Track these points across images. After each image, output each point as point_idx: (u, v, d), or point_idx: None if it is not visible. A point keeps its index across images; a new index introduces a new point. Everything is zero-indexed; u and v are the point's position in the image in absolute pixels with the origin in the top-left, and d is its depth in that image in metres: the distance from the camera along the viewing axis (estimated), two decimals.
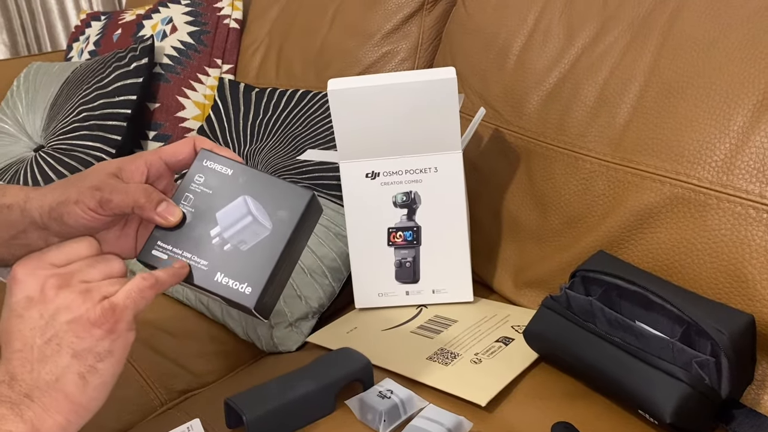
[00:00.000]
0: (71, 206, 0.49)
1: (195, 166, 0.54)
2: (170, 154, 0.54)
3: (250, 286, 0.50)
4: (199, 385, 0.81)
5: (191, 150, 0.54)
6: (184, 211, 0.52)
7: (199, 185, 0.53)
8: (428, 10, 1.06)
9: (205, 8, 1.25)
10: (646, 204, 0.69)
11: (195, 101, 1.20)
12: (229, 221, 0.52)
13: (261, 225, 0.52)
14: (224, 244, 0.51)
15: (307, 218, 0.53)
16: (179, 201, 0.53)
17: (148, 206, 0.50)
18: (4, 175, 1.15)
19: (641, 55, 0.73)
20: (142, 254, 0.52)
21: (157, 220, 0.51)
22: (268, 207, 0.52)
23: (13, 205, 0.52)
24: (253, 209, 0.52)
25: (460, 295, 0.82)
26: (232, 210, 0.52)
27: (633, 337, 0.60)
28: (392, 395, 0.62)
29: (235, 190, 0.53)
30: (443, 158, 0.80)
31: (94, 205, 0.49)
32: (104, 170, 0.51)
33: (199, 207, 0.53)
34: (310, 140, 1.01)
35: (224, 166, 0.53)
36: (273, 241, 0.51)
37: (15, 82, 1.38)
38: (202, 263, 0.51)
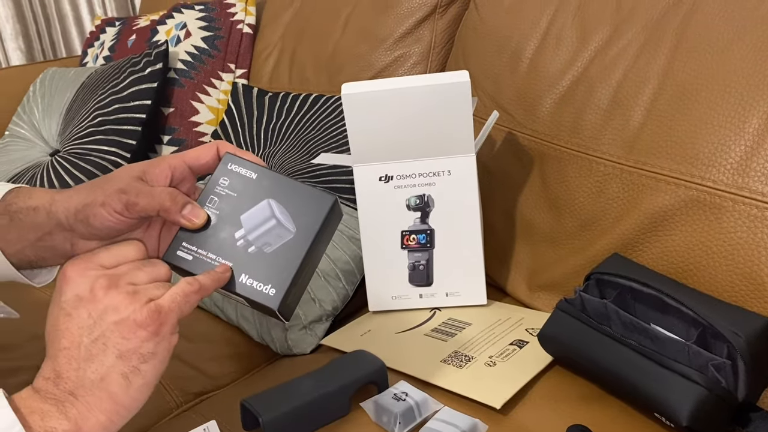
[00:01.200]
0: (97, 208, 0.50)
1: (220, 169, 0.55)
2: (194, 158, 0.54)
3: (274, 287, 0.51)
4: (215, 388, 0.82)
5: (214, 154, 0.55)
6: (209, 213, 0.53)
7: (224, 188, 0.54)
8: (440, 14, 1.07)
9: (218, 13, 1.26)
10: (661, 206, 0.69)
11: (209, 106, 1.20)
12: (254, 224, 0.53)
13: (285, 228, 0.52)
14: (249, 246, 0.52)
15: (329, 222, 0.54)
16: (204, 203, 0.54)
17: (174, 209, 0.51)
18: (21, 179, 1.17)
19: (655, 58, 0.73)
20: (168, 255, 0.53)
21: (182, 223, 0.52)
22: (291, 210, 0.53)
23: (39, 208, 0.52)
24: (277, 212, 0.53)
25: (474, 298, 0.82)
26: (257, 213, 0.53)
27: (648, 340, 0.60)
28: (407, 398, 0.62)
29: (259, 194, 0.53)
30: (456, 161, 0.80)
31: (120, 207, 0.50)
32: (129, 173, 0.52)
33: (224, 209, 0.53)
34: (323, 144, 1.01)
35: (249, 170, 0.54)
36: (297, 244, 0.52)
37: (31, 87, 1.40)
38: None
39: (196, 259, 0.52)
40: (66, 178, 1.11)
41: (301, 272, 0.52)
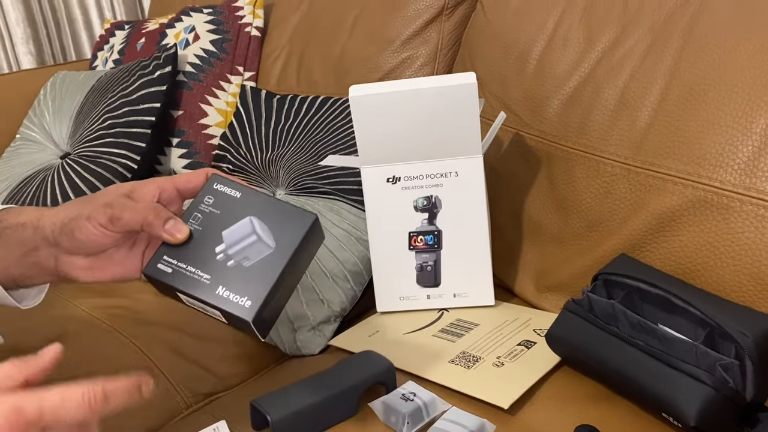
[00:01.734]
0: (83, 221, 0.51)
1: (205, 188, 0.56)
2: (183, 182, 0.56)
3: (250, 299, 0.51)
4: (224, 388, 0.82)
5: (203, 180, 0.56)
6: (191, 228, 0.54)
7: (208, 206, 0.55)
8: (447, 15, 1.07)
9: (226, 16, 1.27)
10: (668, 207, 0.69)
11: (218, 108, 1.21)
12: (234, 239, 0.53)
13: (265, 243, 0.53)
14: (228, 260, 0.53)
15: (310, 240, 0.55)
16: (187, 219, 0.55)
17: (157, 223, 0.52)
18: (32, 181, 1.18)
19: (662, 59, 0.73)
20: (148, 268, 0.54)
21: (164, 237, 0.53)
22: (272, 227, 0.54)
23: (26, 224, 0.54)
24: (258, 229, 0.54)
25: (482, 298, 0.82)
26: (238, 229, 0.54)
27: (656, 340, 0.60)
28: (415, 398, 0.62)
29: (242, 211, 0.54)
30: (464, 162, 0.80)
31: (105, 221, 0.51)
32: (117, 191, 0.54)
33: (207, 226, 0.54)
34: (331, 146, 1.02)
35: (233, 189, 0.55)
36: (275, 259, 0.53)
37: (42, 91, 1.41)
38: (205, 277, 0.53)
39: (176, 272, 0.53)
40: (76, 180, 1.12)
41: (278, 287, 0.52)
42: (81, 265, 0.54)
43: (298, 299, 0.84)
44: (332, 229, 0.90)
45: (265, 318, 0.53)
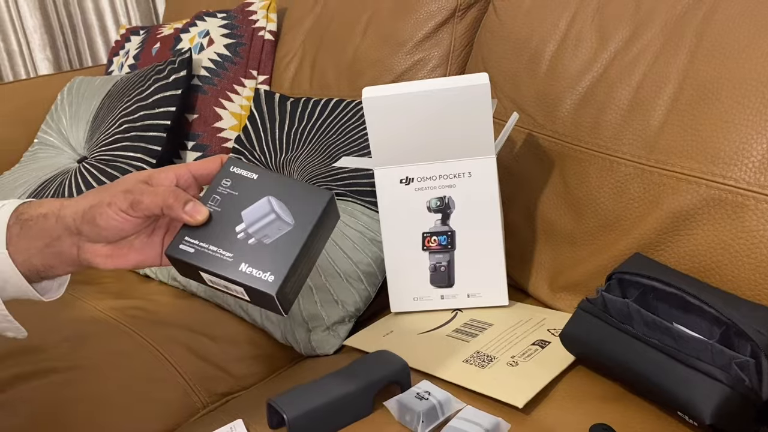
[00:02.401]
0: (104, 208, 0.52)
1: (222, 171, 0.57)
2: (199, 167, 0.57)
3: (273, 274, 0.52)
4: (240, 388, 0.83)
5: (219, 165, 0.57)
6: (210, 210, 0.55)
7: (226, 188, 0.56)
8: (459, 17, 1.08)
9: (240, 21, 1.28)
10: (682, 206, 0.69)
11: (232, 112, 1.22)
12: (254, 218, 0.55)
13: (284, 221, 0.54)
14: (248, 238, 0.54)
15: (327, 217, 0.56)
16: (206, 201, 0.56)
17: (177, 205, 0.53)
18: (50, 185, 1.19)
19: (675, 58, 0.73)
20: (170, 249, 0.55)
21: (185, 218, 0.54)
22: (290, 206, 0.55)
23: (48, 214, 0.55)
24: (276, 207, 0.55)
25: (495, 299, 0.83)
26: (257, 208, 0.55)
27: (671, 338, 0.60)
28: (430, 397, 0.63)
29: (259, 192, 0.56)
30: (477, 163, 0.81)
31: (126, 206, 0.52)
32: (136, 177, 0.55)
33: (225, 207, 0.55)
34: (344, 148, 1.02)
35: (250, 171, 0.57)
36: (295, 235, 0.54)
37: (59, 96, 1.43)
38: (227, 255, 0.54)
39: (198, 252, 0.54)
40: (93, 183, 1.13)
41: (299, 262, 0.54)
42: (103, 253, 0.55)
43: (312, 300, 0.85)
44: (346, 230, 0.90)
45: (288, 293, 0.54)
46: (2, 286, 0.55)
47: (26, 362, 0.80)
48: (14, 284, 0.55)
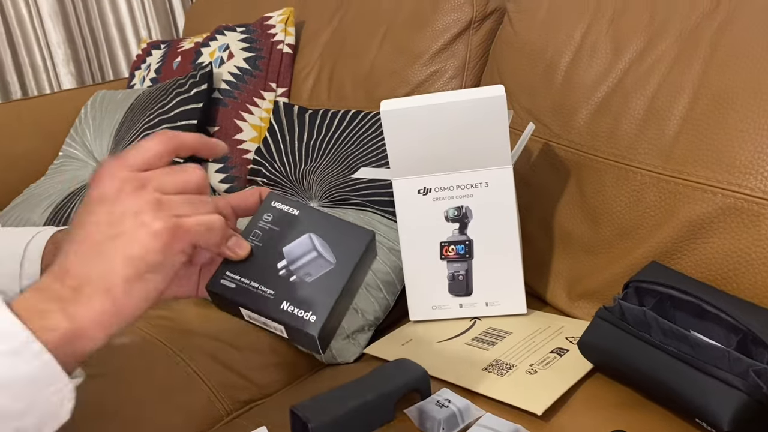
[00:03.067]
0: None
1: (264, 206, 0.57)
2: (238, 200, 0.57)
3: (315, 314, 0.52)
4: (262, 396, 0.85)
5: (257, 199, 0.57)
6: (251, 245, 0.55)
7: (267, 223, 0.56)
8: (475, 29, 1.09)
9: (259, 35, 1.31)
10: (699, 215, 0.69)
11: (252, 124, 1.25)
12: (295, 255, 0.54)
13: (325, 259, 0.54)
14: (290, 275, 0.54)
15: (367, 256, 0.56)
16: (248, 236, 0.55)
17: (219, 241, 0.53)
18: (75, 198, 1.22)
19: (690, 68, 0.74)
20: (211, 284, 0.54)
21: (227, 254, 0.54)
22: (331, 244, 0.54)
23: None
24: (317, 245, 0.54)
25: (514, 307, 0.84)
26: (298, 245, 0.55)
27: (688, 346, 0.61)
28: (450, 404, 0.64)
29: (300, 228, 0.55)
30: (494, 173, 0.82)
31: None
32: None
33: (267, 242, 0.55)
34: (362, 158, 1.04)
35: (291, 207, 0.56)
36: (336, 274, 0.53)
37: (83, 109, 1.46)
38: (268, 292, 0.53)
39: (239, 288, 0.54)
40: None
41: (339, 302, 0.53)
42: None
43: None
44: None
45: (328, 332, 0.53)
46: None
47: None
48: None
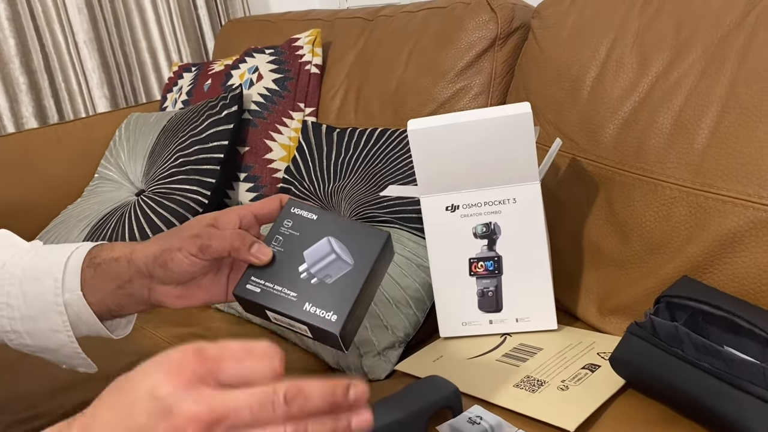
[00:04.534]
0: (175, 253, 0.56)
1: (284, 212, 0.60)
2: (259, 208, 0.60)
3: (336, 313, 0.55)
4: None
5: (278, 205, 0.60)
6: (274, 251, 0.58)
7: (288, 228, 0.59)
8: (500, 45, 1.10)
9: (287, 56, 1.33)
10: (729, 229, 0.69)
11: (281, 143, 1.27)
12: (315, 258, 0.57)
13: (344, 261, 0.57)
14: (311, 278, 0.57)
15: (384, 256, 0.59)
16: (270, 242, 0.59)
17: (243, 248, 0.56)
18: (111, 218, 1.26)
19: (717, 81, 0.74)
20: (238, 289, 0.58)
21: (251, 260, 0.57)
22: (349, 246, 0.57)
23: (120, 258, 0.58)
24: (336, 248, 0.58)
25: (544, 323, 0.84)
26: (318, 249, 0.58)
27: (722, 362, 0.60)
28: (482, 421, 0.64)
29: (319, 232, 0.58)
30: (522, 189, 0.82)
31: (195, 250, 0.55)
32: (202, 221, 0.58)
33: (288, 247, 0.58)
34: (390, 176, 1.05)
35: (310, 212, 0.60)
36: (355, 275, 0.57)
37: (117, 132, 1.50)
38: (291, 294, 0.57)
39: (264, 292, 0.57)
40: (152, 215, 1.19)
41: (359, 301, 0.56)
42: (173, 294, 0.59)
43: (363, 325, 0.87)
44: (394, 256, 0.92)
45: (349, 330, 0.56)
46: (76, 324, 0.59)
47: (94, 389, 0.84)
48: (87, 323, 0.59)
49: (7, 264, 0.60)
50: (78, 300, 0.58)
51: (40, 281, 0.58)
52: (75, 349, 0.60)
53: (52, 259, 0.59)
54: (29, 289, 0.58)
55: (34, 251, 0.61)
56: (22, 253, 0.61)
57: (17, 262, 0.60)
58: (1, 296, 0.59)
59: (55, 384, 0.84)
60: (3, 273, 0.59)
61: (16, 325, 0.59)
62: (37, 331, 0.59)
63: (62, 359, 0.61)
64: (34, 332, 0.59)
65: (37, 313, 0.58)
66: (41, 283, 0.58)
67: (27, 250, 0.62)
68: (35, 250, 0.62)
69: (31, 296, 0.58)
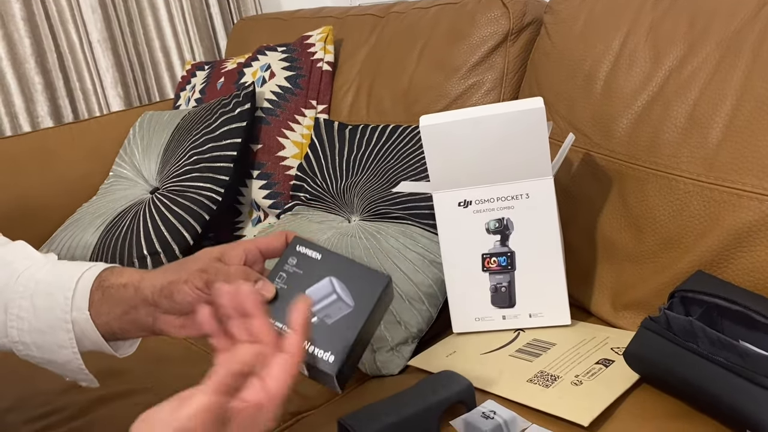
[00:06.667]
0: (181, 285, 0.57)
1: (289, 250, 0.61)
2: (265, 244, 0.61)
3: (333, 354, 0.56)
4: (310, 407, 0.86)
5: (283, 242, 0.62)
6: (277, 287, 0.59)
7: (292, 266, 0.60)
8: (512, 41, 1.10)
9: (299, 53, 1.34)
10: (744, 223, 0.68)
11: (294, 141, 1.27)
12: (317, 298, 0.59)
13: (344, 302, 0.58)
14: (311, 317, 0.58)
15: (384, 298, 0.59)
16: (274, 279, 0.60)
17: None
18: (126, 215, 1.27)
19: (732, 74, 0.74)
20: None
21: None
22: (350, 287, 0.58)
23: (128, 284, 0.60)
24: (338, 288, 0.58)
25: (558, 318, 0.83)
26: (320, 288, 0.59)
27: (737, 356, 0.60)
28: (495, 416, 0.64)
29: (322, 272, 0.59)
30: (534, 184, 0.82)
31: (201, 284, 0.57)
32: (209, 255, 0.59)
33: (291, 284, 0.59)
34: (402, 172, 1.05)
35: (314, 251, 0.61)
36: (354, 317, 0.57)
37: (131, 130, 1.52)
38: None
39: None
40: (166, 213, 1.20)
41: (357, 343, 0.57)
42: (176, 324, 0.60)
43: None
44: (406, 252, 0.93)
45: (345, 371, 0.57)
46: (81, 340, 0.60)
47: (107, 386, 0.85)
48: (92, 340, 0.60)
49: (21, 276, 0.61)
50: (85, 320, 0.59)
51: (52, 296, 0.60)
52: (79, 366, 0.61)
53: (65, 276, 0.61)
54: (40, 304, 0.60)
55: (50, 264, 0.63)
56: (38, 266, 0.62)
57: (32, 275, 0.61)
58: (13, 308, 0.60)
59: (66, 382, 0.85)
60: (17, 285, 0.61)
61: (25, 336, 0.60)
62: (44, 344, 0.60)
63: (66, 373, 0.63)
64: (42, 345, 0.60)
65: (45, 326, 0.60)
66: (52, 298, 0.60)
67: (43, 264, 0.63)
68: (51, 263, 0.63)
69: (41, 310, 0.60)
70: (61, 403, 0.84)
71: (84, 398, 0.84)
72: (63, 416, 0.82)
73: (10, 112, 1.65)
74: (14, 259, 0.63)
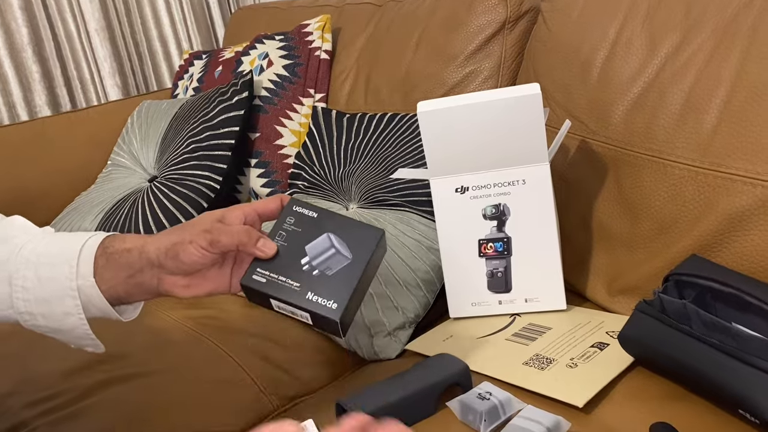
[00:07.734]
0: (186, 245, 0.60)
1: (286, 210, 0.65)
2: (262, 206, 0.64)
3: (336, 302, 0.60)
4: (308, 392, 0.87)
5: (279, 205, 0.65)
6: (278, 245, 0.63)
7: (290, 225, 0.64)
8: (509, 29, 1.10)
9: (297, 42, 1.34)
10: (738, 207, 0.69)
11: (292, 129, 1.28)
12: (316, 252, 0.63)
13: (343, 255, 0.62)
14: (312, 270, 0.62)
15: (378, 251, 0.63)
16: (274, 237, 0.63)
17: (250, 243, 0.61)
18: (124, 204, 1.27)
19: (727, 60, 0.74)
20: (245, 279, 0.63)
21: (257, 254, 0.62)
22: (348, 241, 0.62)
23: (132, 249, 0.61)
24: (335, 243, 0.63)
25: (553, 303, 0.84)
26: (318, 244, 0.63)
27: (730, 338, 0.61)
28: (491, 397, 0.65)
29: (319, 228, 0.63)
30: (531, 170, 0.83)
31: (206, 244, 0.59)
32: (211, 217, 0.62)
33: (291, 241, 0.63)
34: (400, 160, 1.06)
35: (310, 210, 0.64)
36: (353, 268, 0.62)
37: (129, 119, 1.52)
38: (295, 285, 0.61)
39: (269, 282, 0.62)
40: (164, 201, 1.20)
41: (357, 291, 0.61)
42: (181, 284, 0.62)
43: (374, 306, 0.88)
44: (404, 239, 0.93)
45: (347, 318, 0.61)
46: (87, 307, 0.61)
47: (109, 369, 0.86)
48: (98, 306, 0.62)
49: (22, 249, 0.62)
50: (90, 287, 0.60)
51: (56, 267, 0.61)
52: (86, 331, 0.62)
53: (68, 246, 0.62)
54: (44, 274, 0.61)
55: (49, 237, 0.64)
56: (38, 238, 0.63)
57: (34, 248, 0.62)
58: (17, 279, 0.61)
59: (67, 366, 0.86)
60: (19, 258, 0.61)
61: (30, 307, 0.61)
62: (50, 313, 0.61)
63: (72, 340, 0.64)
64: (48, 314, 0.61)
65: (51, 296, 0.61)
66: (57, 268, 0.61)
67: (42, 237, 0.64)
68: (50, 236, 0.64)
69: (46, 281, 0.61)
70: (61, 387, 0.85)
71: (85, 382, 0.85)
72: (64, 400, 0.83)
73: (8, 102, 1.65)
74: (14, 233, 0.64)
